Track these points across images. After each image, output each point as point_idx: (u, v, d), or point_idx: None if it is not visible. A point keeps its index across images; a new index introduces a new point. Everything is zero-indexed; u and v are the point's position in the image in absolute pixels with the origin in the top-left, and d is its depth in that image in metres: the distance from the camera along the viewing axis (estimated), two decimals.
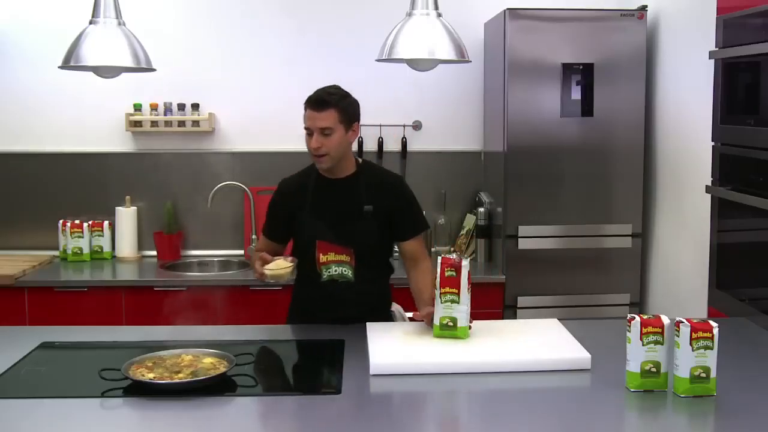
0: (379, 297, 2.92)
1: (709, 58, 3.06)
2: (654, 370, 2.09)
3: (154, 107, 4.33)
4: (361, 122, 4.34)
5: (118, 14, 2.93)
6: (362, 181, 2.81)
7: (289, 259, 2.69)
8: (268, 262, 2.66)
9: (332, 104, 2.69)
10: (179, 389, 2.12)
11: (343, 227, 2.76)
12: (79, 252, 4.26)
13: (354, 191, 2.79)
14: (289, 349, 2.54)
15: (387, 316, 2.93)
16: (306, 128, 2.72)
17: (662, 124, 3.93)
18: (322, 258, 2.77)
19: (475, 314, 2.54)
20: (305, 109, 2.73)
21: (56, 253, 4.32)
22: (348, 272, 2.77)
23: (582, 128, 3.97)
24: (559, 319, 2.68)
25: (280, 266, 2.64)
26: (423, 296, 2.77)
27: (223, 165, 4.38)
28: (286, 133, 4.40)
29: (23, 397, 2.11)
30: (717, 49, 3.04)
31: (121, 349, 2.49)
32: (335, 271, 2.77)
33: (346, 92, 2.79)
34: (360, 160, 2.88)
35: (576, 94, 3.94)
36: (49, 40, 4.15)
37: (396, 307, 3.02)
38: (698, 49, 3.38)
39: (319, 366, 2.46)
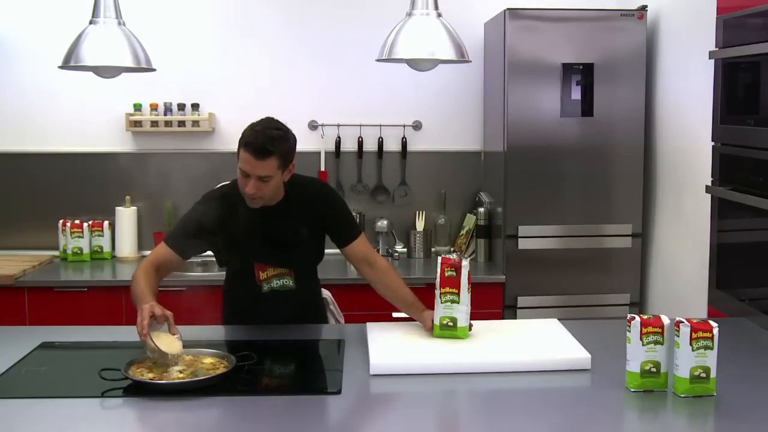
0: (316, 292, 2.93)
1: (709, 58, 3.06)
2: (654, 370, 2.09)
3: (154, 107, 4.33)
4: (361, 122, 4.44)
5: (118, 14, 2.94)
6: (293, 202, 2.69)
7: (177, 336, 2.31)
8: (156, 317, 2.31)
9: (274, 153, 2.48)
10: (179, 389, 2.12)
11: (283, 253, 2.70)
12: (79, 252, 4.26)
13: (287, 216, 2.68)
14: (289, 349, 2.54)
15: (323, 307, 2.95)
16: (240, 168, 2.52)
17: (662, 124, 3.93)
18: (262, 275, 2.71)
19: (475, 314, 2.54)
20: (242, 150, 2.50)
21: (56, 253, 4.32)
22: (289, 282, 2.73)
23: (582, 128, 3.97)
24: (559, 319, 2.68)
25: (169, 345, 2.24)
26: (401, 295, 2.69)
27: (223, 165, 4.37)
28: None
29: (23, 397, 2.11)
30: (717, 49, 3.04)
31: (121, 349, 2.49)
32: (276, 284, 2.72)
33: (285, 129, 2.57)
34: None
35: (576, 94, 3.94)
36: (49, 40, 4.15)
37: (326, 293, 3.03)
38: (698, 49, 3.38)
39: (319, 366, 2.46)
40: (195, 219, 2.69)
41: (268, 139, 2.48)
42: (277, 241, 2.70)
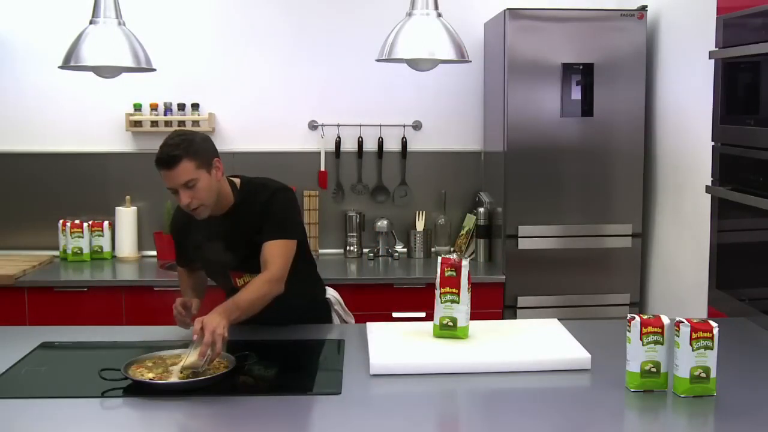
0: (309, 295, 2.87)
1: (709, 58, 3.06)
2: (654, 370, 2.09)
3: (154, 107, 4.33)
4: (362, 122, 4.44)
5: (118, 14, 2.94)
6: (243, 208, 2.65)
7: (195, 304, 2.64)
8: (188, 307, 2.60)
9: (182, 156, 2.48)
10: (179, 389, 2.12)
11: (249, 260, 2.65)
12: (79, 252, 4.26)
13: (242, 224, 2.64)
14: (289, 349, 2.54)
15: (325, 306, 2.93)
16: (169, 188, 2.54)
17: (662, 124, 3.93)
18: (239, 282, 2.71)
19: (475, 314, 2.54)
20: (158, 170, 2.53)
21: (56, 253, 4.32)
22: None
23: (582, 128, 3.97)
24: (559, 319, 2.68)
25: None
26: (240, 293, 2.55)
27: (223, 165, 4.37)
28: (286, 133, 4.41)
29: (23, 397, 2.11)
30: (717, 49, 3.04)
31: (121, 349, 2.49)
32: None
33: (191, 134, 2.59)
34: (237, 182, 2.71)
35: (576, 94, 3.94)
36: (49, 40, 4.15)
37: (331, 293, 3.00)
38: (698, 49, 3.38)
39: (319, 366, 2.46)
40: (173, 233, 2.91)
41: (170, 147, 2.50)
42: (238, 249, 2.66)
